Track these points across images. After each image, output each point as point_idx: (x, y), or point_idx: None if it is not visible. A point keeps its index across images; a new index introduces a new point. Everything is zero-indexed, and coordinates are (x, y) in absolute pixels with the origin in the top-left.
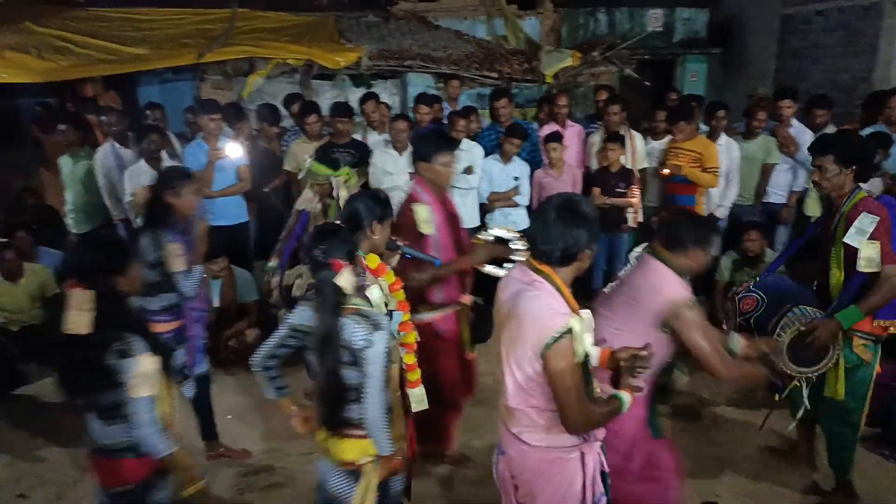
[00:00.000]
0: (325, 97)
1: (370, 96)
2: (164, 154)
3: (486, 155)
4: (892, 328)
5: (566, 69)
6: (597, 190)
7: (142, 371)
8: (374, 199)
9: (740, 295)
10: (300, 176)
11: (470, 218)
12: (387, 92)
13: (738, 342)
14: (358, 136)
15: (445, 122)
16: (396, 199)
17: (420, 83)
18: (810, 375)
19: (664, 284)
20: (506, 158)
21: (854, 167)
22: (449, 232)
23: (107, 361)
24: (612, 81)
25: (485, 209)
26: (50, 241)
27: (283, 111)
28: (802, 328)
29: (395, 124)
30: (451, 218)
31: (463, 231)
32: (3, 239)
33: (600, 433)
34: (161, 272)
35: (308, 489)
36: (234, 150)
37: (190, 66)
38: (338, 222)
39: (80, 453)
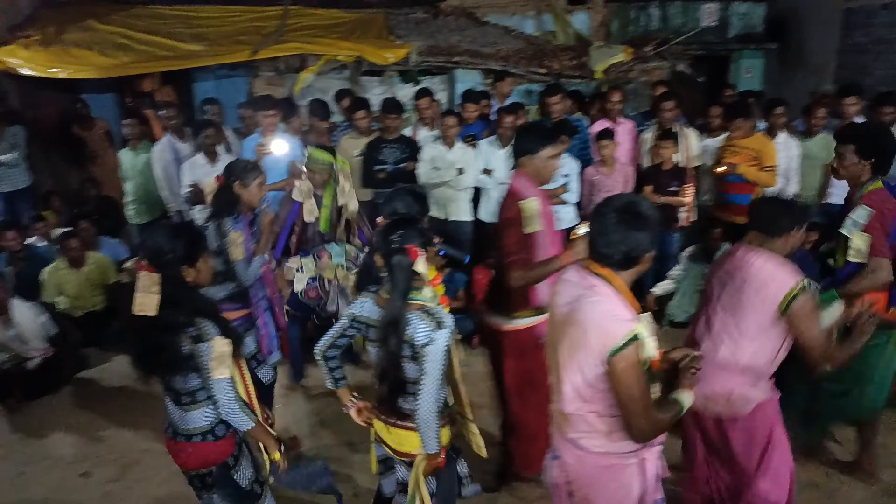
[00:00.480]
0: (374, 93)
1: (424, 92)
2: (220, 148)
3: None
4: None
5: (616, 65)
6: (648, 188)
7: (217, 353)
8: (414, 196)
9: None
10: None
11: None
12: (434, 88)
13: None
14: (407, 132)
15: (493, 118)
16: (442, 195)
17: (468, 79)
18: None
19: (777, 273)
20: None
21: (873, 159)
22: (551, 227)
23: (182, 346)
24: (663, 77)
25: None
26: (109, 230)
27: (334, 107)
28: None
29: (446, 120)
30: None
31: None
32: (68, 228)
33: (660, 437)
34: (225, 260)
35: (344, 479)
36: (279, 147)
37: (244, 62)
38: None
39: (139, 435)
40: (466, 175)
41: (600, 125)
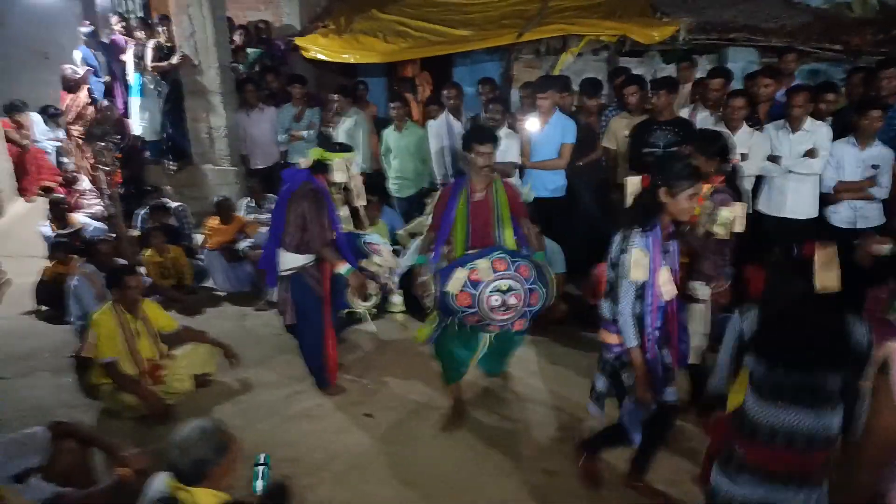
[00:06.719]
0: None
1: (719, 72)
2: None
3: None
4: None
5: None
6: None
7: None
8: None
9: None
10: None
11: (805, 208)
12: (700, 69)
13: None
14: (684, 114)
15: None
16: None
17: (739, 58)
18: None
19: None
20: (863, 142)
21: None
22: None
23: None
24: None
25: (827, 200)
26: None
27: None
28: None
29: (733, 101)
30: None
31: None
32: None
33: None
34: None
35: None
36: (532, 124)
37: (503, 46)
38: None
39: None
40: (749, 162)
41: None
